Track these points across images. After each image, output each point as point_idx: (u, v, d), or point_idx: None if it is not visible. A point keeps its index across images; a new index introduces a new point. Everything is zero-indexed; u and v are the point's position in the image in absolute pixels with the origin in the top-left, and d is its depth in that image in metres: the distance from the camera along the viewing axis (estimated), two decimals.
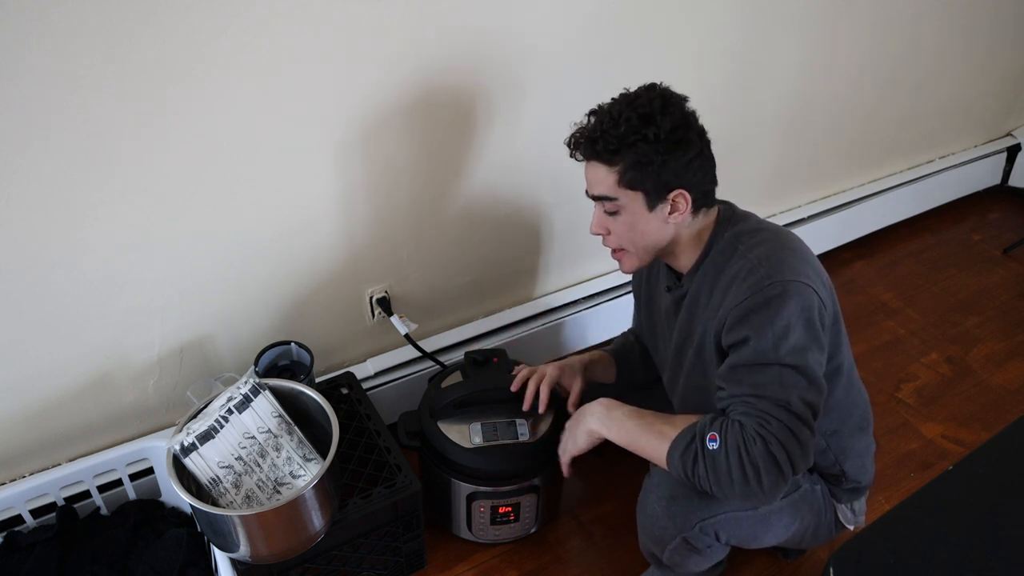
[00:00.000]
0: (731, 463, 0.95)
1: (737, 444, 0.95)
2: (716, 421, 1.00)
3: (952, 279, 2.27)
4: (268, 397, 1.20)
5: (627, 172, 1.02)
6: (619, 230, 1.09)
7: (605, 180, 1.04)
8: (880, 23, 1.92)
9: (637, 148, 1.00)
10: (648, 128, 1.00)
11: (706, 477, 0.98)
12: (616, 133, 1.00)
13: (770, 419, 0.95)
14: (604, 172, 1.04)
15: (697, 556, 1.16)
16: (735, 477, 0.95)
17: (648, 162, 1.01)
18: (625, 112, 1.01)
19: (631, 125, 1.00)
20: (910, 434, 1.73)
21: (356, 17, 1.17)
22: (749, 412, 0.97)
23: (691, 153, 1.03)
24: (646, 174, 1.02)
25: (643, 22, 1.50)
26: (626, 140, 1.00)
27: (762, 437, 0.95)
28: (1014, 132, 2.62)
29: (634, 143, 1.00)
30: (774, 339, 0.97)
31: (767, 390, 0.97)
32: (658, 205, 1.05)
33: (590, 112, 1.07)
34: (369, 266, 1.46)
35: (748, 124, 1.85)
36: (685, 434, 1.02)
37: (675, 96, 1.04)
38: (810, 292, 1.00)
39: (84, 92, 1.02)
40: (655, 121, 1.00)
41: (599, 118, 1.04)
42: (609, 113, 1.03)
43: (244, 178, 1.22)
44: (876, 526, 0.88)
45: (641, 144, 1.00)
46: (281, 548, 1.12)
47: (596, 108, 1.06)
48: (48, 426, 1.27)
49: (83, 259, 1.15)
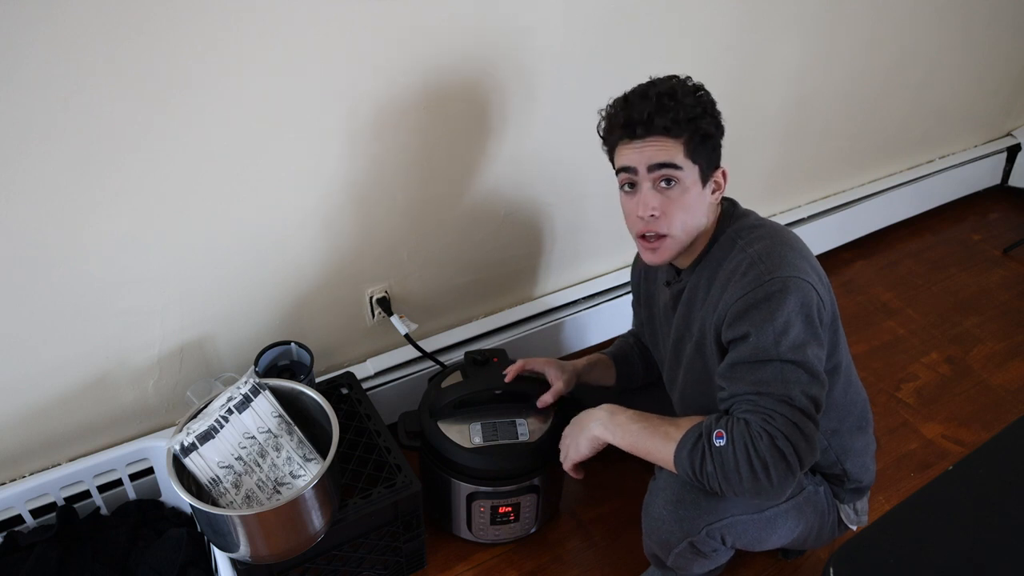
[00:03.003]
0: (739, 459, 0.96)
1: (744, 440, 0.95)
2: (721, 419, 1.00)
3: (952, 279, 2.27)
4: (268, 397, 1.20)
5: (691, 144, 1.04)
6: (671, 208, 1.06)
7: (671, 149, 1.04)
8: (880, 23, 1.92)
9: (702, 121, 1.04)
10: (707, 105, 1.05)
11: (715, 474, 0.98)
12: (690, 102, 1.03)
13: (774, 415, 0.96)
14: (669, 143, 1.04)
15: (702, 560, 1.16)
16: (743, 473, 0.96)
17: (709, 135, 1.05)
18: (679, 89, 1.05)
19: (692, 100, 1.04)
20: (910, 434, 1.73)
21: (355, 17, 1.17)
22: (753, 409, 0.97)
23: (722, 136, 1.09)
24: (706, 148, 1.06)
25: (644, 22, 1.50)
26: (695, 111, 1.03)
27: (768, 433, 0.95)
28: (1014, 132, 2.63)
29: (700, 115, 1.04)
30: (774, 335, 0.97)
31: (769, 387, 0.97)
32: (708, 182, 1.08)
33: (621, 98, 1.08)
34: (369, 266, 1.46)
35: (748, 124, 1.85)
36: (691, 433, 1.02)
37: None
38: (809, 289, 1.00)
39: (85, 92, 1.02)
40: (706, 99, 1.06)
41: (661, 91, 1.04)
42: (658, 89, 1.04)
43: (244, 178, 1.22)
44: (876, 526, 0.88)
45: (705, 118, 1.04)
46: (281, 548, 1.12)
47: (629, 94, 1.08)
48: (48, 426, 1.27)
49: (83, 259, 1.15)
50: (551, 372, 1.34)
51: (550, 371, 1.34)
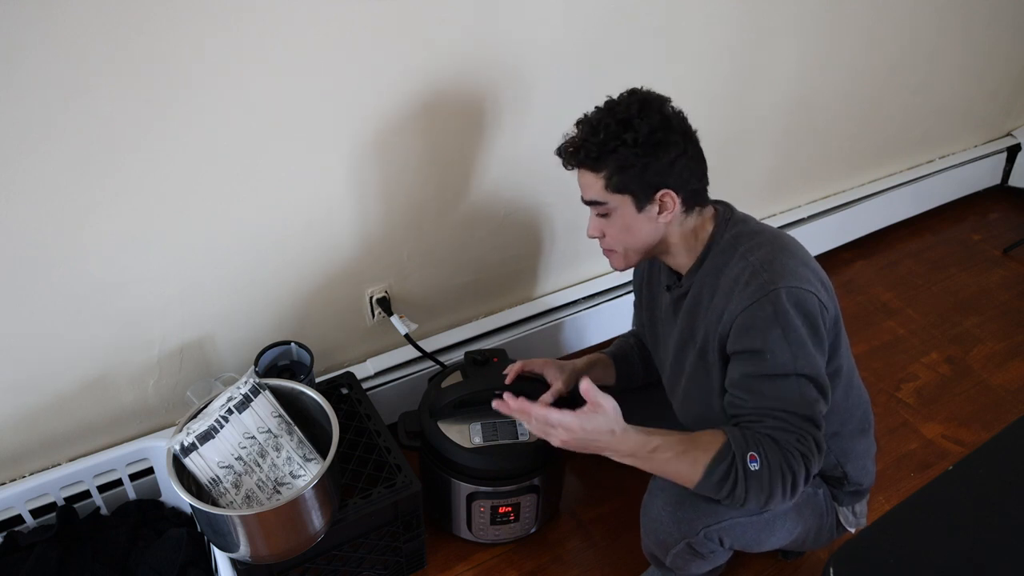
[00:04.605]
0: (774, 480, 0.98)
1: (779, 463, 0.98)
2: (749, 439, 1.00)
3: (952, 279, 2.27)
4: (268, 397, 1.20)
5: (612, 177, 1.04)
6: (612, 232, 1.11)
7: (594, 186, 1.07)
8: (880, 23, 1.92)
9: (618, 153, 1.03)
10: (627, 133, 1.02)
11: (743, 495, 0.99)
12: (596, 140, 1.03)
13: (804, 436, 0.99)
14: (592, 178, 1.07)
15: (700, 560, 1.16)
16: (775, 492, 0.99)
17: (630, 165, 1.03)
18: (604, 119, 1.04)
19: (610, 131, 1.02)
20: (910, 434, 1.73)
21: (355, 18, 1.17)
22: (782, 427, 1.00)
23: (673, 153, 1.04)
24: (630, 177, 1.04)
25: (643, 22, 1.49)
26: (607, 146, 1.03)
27: (801, 454, 0.99)
28: (1014, 132, 2.62)
29: (615, 149, 1.02)
30: (791, 351, 0.99)
31: (792, 405, 1.00)
32: (646, 206, 1.07)
33: (577, 122, 1.09)
34: (369, 266, 1.46)
35: (748, 123, 1.85)
36: (722, 459, 0.99)
37: (655, 98, 1.06)
38: (812, 297, 1.01)
39: (85, 92, 1.02)
40: (633, 126, 1.02)
41: (582, 128, 1.06)
42: (590, 122, 1.05)
43: (244, 178, 1.22)
44: (876, 526, 0.88)
45: (621, 149, 1.02)
46: (281, 548, 1.12)
47: (582, 118, 1.08)
48: (48, 426, 1.27)
49: (83, 258, 1.15)
50: (550, 372, 1.34)
51: (549, 371, 1.34)
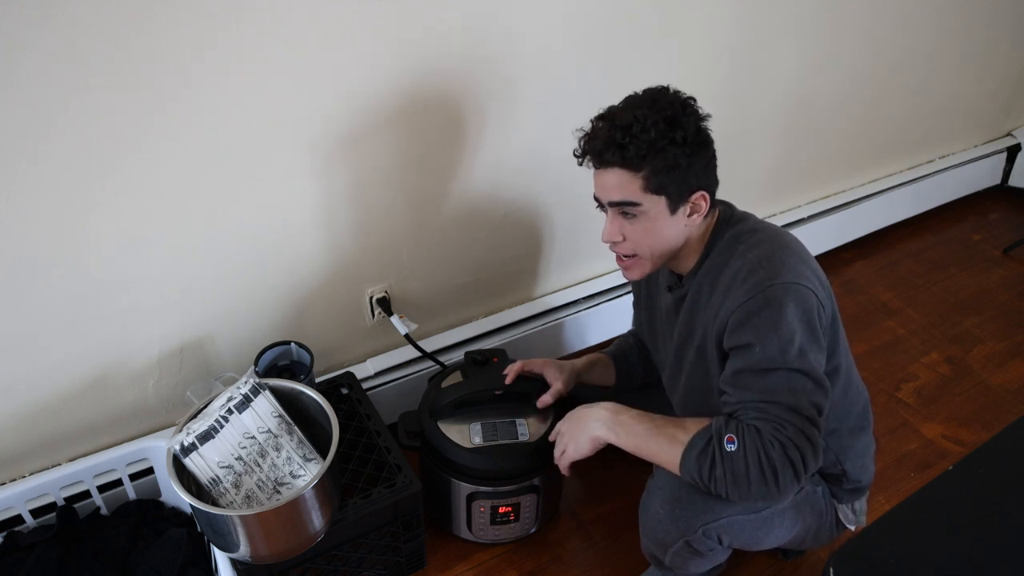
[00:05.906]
0: (750, 465, 0.96)
1: (756, 446, 0.96)
2: (730, 424, 0.99)
3: (952, 279, 2.27)
4: (268, 397, 1.20)
5: (654, 177, 1.01)
6: (635, 235, 1.07)
7: (628, 186, 1.02)
8: (880, 23, 1.92)
9: (666, 153, 0.99)
10: (675, 132, 0.99)
11: (723, 479, 0.98)
12: (647, 138, 0.98)
13: (784, 423, 0.96)
14: (627, 178, 1.02)
15: (699, 559, 1.16)
16: (753, 478, 0.96)
17: (676, 166, 1.00)
18: (651, 116, 0.99)
19: (659, 130, 0.99)
20: (910, 434, 1.73)
21: (355, 17, 1.17)
22: (763, 417, 0.98)
23: (710, 153, 1.04)
24: (672, 177, 1.01)
25: (644, 22, 1.49)
26: (656, 145, 0.99)
27: (779, 442, 0.96)
28: (1014, 132, 2.63)
29: (663, 148, 0.99)
30: (780, 344, 0.98)
31: (777, 395, 0.98)
32: (680, 208, 1.04)
33: (597, 117, 1.05)
34: (369, 266, 1.46)
35: (749, 123, 1.85)
36: (700, 437, 1.01)
37: (686, 97, 1.05)
38: (809, 294, 1.01)
39: (85, 92, 1.02)
40: (681, 124, 1.00)
41: (618, 123, 1.01)
42: (634, 118, 1.00)
43: (244, 178, 1.22)
44: (876, 526, 0.88)
45: (670, 148, 0.99)
46: (281, 548, 1.12)
47: (604, 113, 1.04)
48: (48, 426, 1.27)
49: (83, 258, 1.15)
50: (550, 372, 1.34)
51: (549, 371, 1.34)
